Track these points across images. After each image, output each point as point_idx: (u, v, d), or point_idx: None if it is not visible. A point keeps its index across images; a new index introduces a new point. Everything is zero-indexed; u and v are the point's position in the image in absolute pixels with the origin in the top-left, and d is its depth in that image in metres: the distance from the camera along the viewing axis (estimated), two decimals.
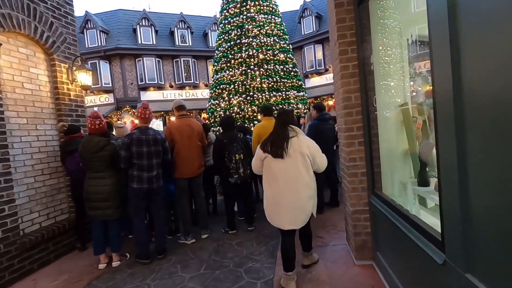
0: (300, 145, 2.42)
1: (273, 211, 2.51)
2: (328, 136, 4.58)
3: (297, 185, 2.38)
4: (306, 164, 2.40)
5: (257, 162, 2.61)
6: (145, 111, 3.26)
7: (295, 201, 2.40)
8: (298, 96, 10.12)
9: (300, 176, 2.38)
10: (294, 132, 2.51)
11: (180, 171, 3.70)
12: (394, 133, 2.57)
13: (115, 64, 17.11)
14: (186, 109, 3.90)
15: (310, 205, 2.47)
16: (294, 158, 2.39)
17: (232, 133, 3.93)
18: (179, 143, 3.67)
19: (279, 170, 2.43)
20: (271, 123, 4.48)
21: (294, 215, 2.44)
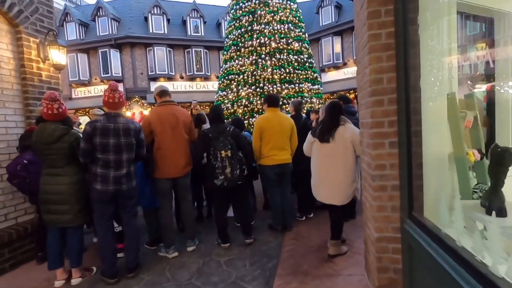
0: (345, 132, 2.77)
1: (318, 187, 2.99)
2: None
3: (338, 166, 2.77)
4: (347, 149, 2.75)
5: (308, 145, 3.08)
6: (113, 94, 2.61)
7: (334, 180, 2.79)
8: (312, 90, 9.28)
9: (342, 158, 2.76)
10: (343, 121, 2.88)
11: (161, 171, 3.04)
12: (445, 132, 1.79)
13: (125, 53, 16.74)
14: (170, 95, 3.21)
15: (350, 187, 2.78)
16: (338, 143, 2.76)
17: (219, 126, 3.22)
18: (160, 135, 3.00)
19: (324, 152, 2.85)
20: (276, 116, 3.62)
21: (334, 192, 2.82)
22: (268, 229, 3.78)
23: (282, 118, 3.55)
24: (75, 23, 16.73)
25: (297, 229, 3.73)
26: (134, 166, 2.75)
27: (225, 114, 9.11)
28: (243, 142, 3.38)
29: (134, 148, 2.67)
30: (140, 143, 2.74)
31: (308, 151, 3.10)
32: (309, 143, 3.05)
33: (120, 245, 3.24)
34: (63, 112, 2.58)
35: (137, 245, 2.81)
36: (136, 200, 2.82)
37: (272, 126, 3.46)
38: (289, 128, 3.57)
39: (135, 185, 2.72)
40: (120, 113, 2.67)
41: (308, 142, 3.06)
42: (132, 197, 2.72)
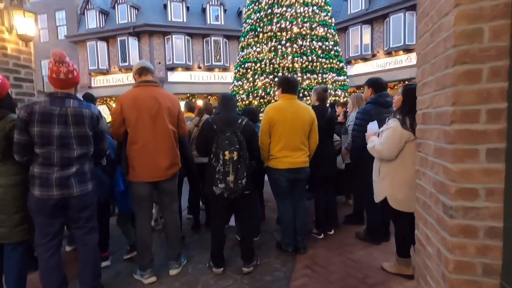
0: None
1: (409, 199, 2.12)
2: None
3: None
4: None
5: (395, 144, 2.16)
6: (58, 68, 1.89)
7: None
8: (337, 81, 8.27)
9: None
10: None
11: (137, 172, 2.32)
12: None
13: (144, 42, 16.37)
14: (153, 74, 2.47)
15: None
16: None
17: (228, 116, 2.44)
18: (134, 125, 2.27)
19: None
20: (292, 105, 2.65)
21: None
22: (276, 248, 2.99)
23: (300, 109, 2.71)
24: (95, 11, 16.55)
25: (313, 252, 2.90)
26: (91, 165, 2.05)
27: (240, 105, 8.36)
28: (255, 141, 2.60)
29: (90, 141, 1.97)
30: (100, 135, 2.03)
31: (393, 153, 2.19)
32: (397, 142, 2.13)
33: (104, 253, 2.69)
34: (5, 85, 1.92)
35: (95, 271, 2.11)
36: (94, 211, 2.11)
37: (286, 119, 2.64)
38: (308, 122, 2.73)
39: (91, 189, 2.02)
40: (71, 93, 1.96)
41: (397, 139, 2.13)
42: (87, 206, 2.02)
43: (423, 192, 1.42)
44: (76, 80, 2.01)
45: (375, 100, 2.93)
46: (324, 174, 3.11)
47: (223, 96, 2.58)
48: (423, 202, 1.41)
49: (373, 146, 2.32)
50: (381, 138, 2.26)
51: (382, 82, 3.05)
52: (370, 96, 3.01)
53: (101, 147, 2.07)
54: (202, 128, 2.45)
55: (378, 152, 2.27)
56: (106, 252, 2.79)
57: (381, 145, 2.23)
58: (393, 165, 2.25)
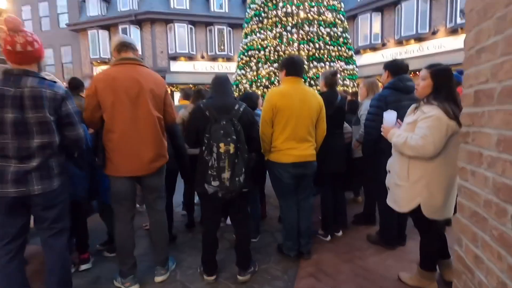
0: None
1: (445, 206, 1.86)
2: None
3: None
4: None
5: (442, 137, 1.73)
6: (13, 38, 1.55)
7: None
8: (346, 70, 7.82)
9: None
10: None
11: (116, 165, 1.99)
12: None
13: (145, 30, 15.97)
14: (135, 51, 2.11)
15: None
16: None
17: (223, 101, 2.08)
18: (111, 110, 1.93)
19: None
20: (298, 90, 2.21)
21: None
22: (277, 252, 2.67)
23: (307, 94, 2.34)
24: None
25: (318, 257, 2.57)
26: (60, 158, 1.72)
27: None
28: (256, 131, 2.24)
29: (52, 128, 1.63)
30: (66, 119, 1.70)
31: (440, 148, 1.75)
32: (444, 132, 1.71)
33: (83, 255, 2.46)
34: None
35: (63, 279, 1.80)
36: (64, 210, 1.80)
37: (291, 105, 2.27)
38: (316, 110, 2.36)
39: (58, 187, 1.69)
40: (29, 70, 1.61)
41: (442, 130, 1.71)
42: (53, 205, 1.70)
43: (472, 198, 1.06)
44: (37, 54, 1.67)
45: (393, 84, 2.54)
46: (332, 170, 2.75)
47: (216, 77, 2.22)
48: (473, 212, 1.05)
49: (404, 141, 1.83)
50: (420, 130, 1.77)
51: (402, 63, 2.64)
52: (387, 81, 2.62)
53: (69, 135, 1.73)
54: (192, 116, 2.10)
55: (418, 149, 1.76)
56: (86, 253, 2.50)
57: (423, 139, 1.74)
58: (432, 165, 1.82)
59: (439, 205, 1.85)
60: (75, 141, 1.79)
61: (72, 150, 1.88)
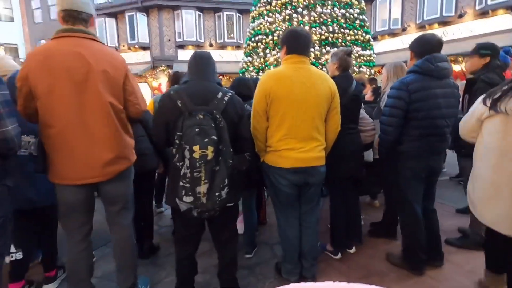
0: None
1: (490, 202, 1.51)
2: (443, 116, 1.95)
3: None
4: None
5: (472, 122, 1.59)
6: None
7: None
8: (363, 56, 7.10)
9: None
10: None
11: (59, 170, 1.53)
12: None
13: (153, 17, 15.46)
14: (89, 21, 1.59)
15: None
16: None
17: (203, 86, 1.57)
18: (47, 99, 1.45)
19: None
20: (301, 71, 1.56)
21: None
22: (276, 274, 2.18)
23: (314, 78, 1.79)
24: None
25: (326, 279, 2.06)
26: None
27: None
28: (246, 129, 1.73)
29: None
30: None
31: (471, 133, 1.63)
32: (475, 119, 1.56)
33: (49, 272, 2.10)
34: None
35: None
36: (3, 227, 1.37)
37: (291, 92, 1.74)
38: (326, 98, 1.81)
39: None
40: None
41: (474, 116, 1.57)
42: None
43: None
44: None
45: (419, 67, 1.94)
46: (345, 176, 2.21)
47: (195, 55, 1.69)
48: None
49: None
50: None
51: (431, 38, 2.03)
52: (411, 64, 2.03)
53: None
54: (160, 107, 1.59)
55: None
56: (53, 270, 2.11)
57: None
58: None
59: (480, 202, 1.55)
60: (5, 140, 1.33)
61: (2, 151, 1.42)
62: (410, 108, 1.91)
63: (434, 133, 1.96)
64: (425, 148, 1.98)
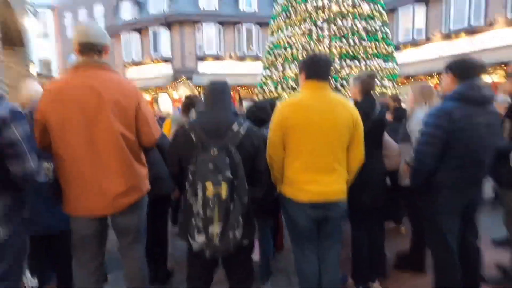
0: None
1: None
2: (485, 146, 1.77)
3: None
4: None
5: None
6: None
7: None
8: (385, 69, 6.88)
9: None
10: None
11: (71, 202, 1.53)
12: None
13: (175, 31, 15.99)
14: (104, 50, 1.60)
15: None
16: None
17: (217, 118, 1.53)
18: (59, 132, 1.46)
19: None
20: (321, 98, 1.48)
21: None
22: None
23: (334, 105, 1.68)
24: (129, 2, 16.54)
25: None
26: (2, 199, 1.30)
27: (268, 98, 7.40)
28: (263, 162, 1.65)
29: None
30: (8, 149, 1.30)
31: None
32: None
33: None
34: None
35: None
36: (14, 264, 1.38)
37: (308, 120, 1.64)
38: (347, 126, 1.70)
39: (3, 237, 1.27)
40: None
41: None
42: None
43: None
44: None
45: (462, 93, 1.77)
46: (367, 206, 2.06)
47: (210, 84, 1.65)
48: None
49: None
50: None
51: (474, 62, 1.87)
52: (451, 87, 1.86)
53: (13, 170, 1.32)
54: (174, 140, 1.55)
55: None
56: None
57: None
58: None
59: None
60: (21, 178, 1.35)
61: (21, 186, 1.43)
62: (450, 137, 1.75)
63: (474, 164, 1.79)
64: (464, 179, 1.80)
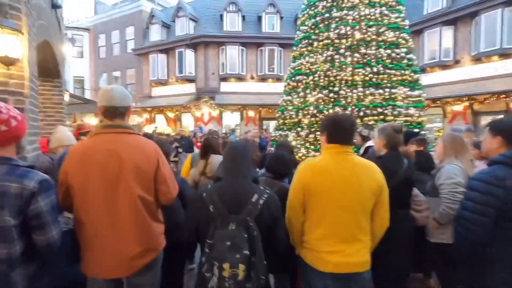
0: None
1: None
2: None
3: None
4: None
5: None
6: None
7: None
8: (410, 97, 6.66)
9: None
10: None
11: (88, 263, 1.53)
12: None
13: (199, 52, 16.57)
14: (127, 112, 1.64)
15: None
16: None
17: (238, 188, 1.50)
18: (81, 197, 1.48)
19: None
20: (343, 163, 1.41)
21: None
22: None
23: (358, 170, 1.61)
24: (158, 24, 17.42)
25: None
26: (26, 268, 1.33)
27: (288, 123, 7.37)
28: (282, 231, 1.60)
29: (11, 235, 1.24)
30: (35, 221, 1.32)
31: None
32: None
33: None
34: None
35: None
36: None
37: (331, 187, 1.57)
38: (372, 192, 1.61)
39: None
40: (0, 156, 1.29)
41: None
42: None
43: None
44: (15, 133, 1.34)
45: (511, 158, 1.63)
46: (393, 272, 1.92)
47: (230, 148, 1.63)
48: None
49: None
50: None
51: None
52: (497, 151, 1.72)
53: (37, 240, 1.33)
54: (193, 208, 1.53)
55: None
56: None
57: None
58: None
59: None
60: (44, 247, 1.37)
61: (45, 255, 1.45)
62: (506, 207, 1.60)
63: None
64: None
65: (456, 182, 2.07)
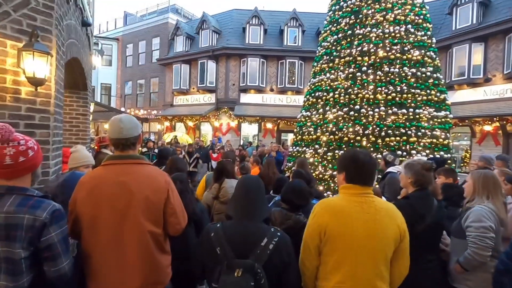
0: None
1: None
2: None
3: None
4: None
5: None
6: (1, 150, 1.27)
7: None
8: (436, 117, 6.36)
9: None
10: None
11: None
12: None
13: (221, 64, 16.88)
14: (137, 142, 1.63)
15: None
16: None
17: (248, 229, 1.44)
18: (89, 229, 1.47)
19: None
20: (364, 206, 1.35)
21: None
22: None
23: (378, 214, 1.49)
24: (183, 36, 17.98)
25: None
26: None
27: (306, 139, 7.25)
28: (294, 275, 1.51)
29: (20, 268, 1.24)
30: (46, 252, 1.31)
31: None
32: None
33: None
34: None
35: None
36: None
37: (351, 232, 1.47)
38: (393, 238, 1.49)
39: None
40: (15, 187, 1.31)
41: None
42: None
43: None
44: (31, 163, 1.35)
45: None
46: None
47: (242, 183, 1.57)
48: None
49: None
50: None
51: None
52: None
53: (47, 271, 1.33)
54: (200, 248, 1.48)
55: None
56: None
57: None
58: None
59: None
60: (55, 278, 1.37)
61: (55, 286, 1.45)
62: None
63: None
64: None
65: (487, 227, 1.90)
